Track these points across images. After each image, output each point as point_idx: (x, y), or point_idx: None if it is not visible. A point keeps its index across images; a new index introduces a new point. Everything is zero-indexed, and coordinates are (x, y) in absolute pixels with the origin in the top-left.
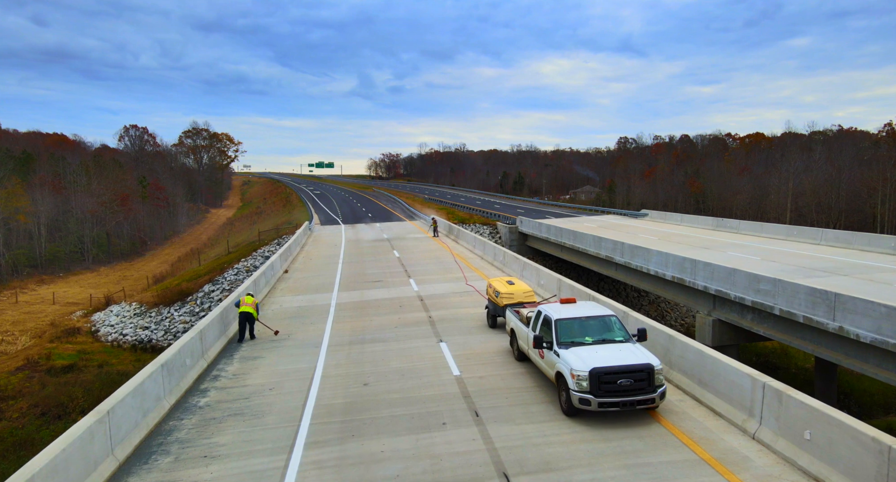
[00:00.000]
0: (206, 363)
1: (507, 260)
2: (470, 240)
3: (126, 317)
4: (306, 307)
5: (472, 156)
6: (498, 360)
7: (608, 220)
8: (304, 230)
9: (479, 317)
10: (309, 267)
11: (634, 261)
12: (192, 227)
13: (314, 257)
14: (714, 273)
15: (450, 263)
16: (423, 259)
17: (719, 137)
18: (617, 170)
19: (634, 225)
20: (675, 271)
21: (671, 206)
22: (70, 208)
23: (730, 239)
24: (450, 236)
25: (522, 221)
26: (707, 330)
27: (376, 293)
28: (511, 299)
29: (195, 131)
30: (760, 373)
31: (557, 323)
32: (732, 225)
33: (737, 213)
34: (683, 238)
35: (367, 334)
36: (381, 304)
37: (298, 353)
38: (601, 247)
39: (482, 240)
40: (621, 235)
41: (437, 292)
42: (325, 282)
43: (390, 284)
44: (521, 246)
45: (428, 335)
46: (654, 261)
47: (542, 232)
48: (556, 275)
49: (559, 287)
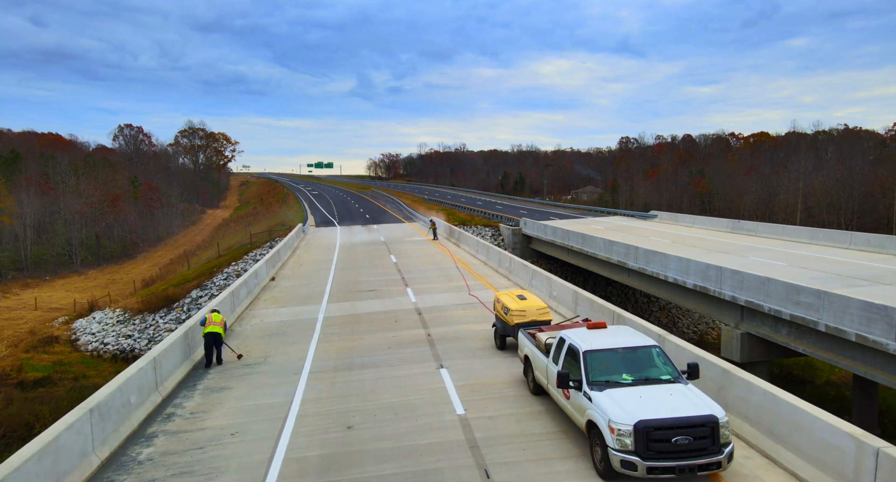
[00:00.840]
0: (161, 397)
1: (513, 267)
2: (472, 243)
3: (108, 325)
4: (290, 322)
5: (473, 156)
6: (510, 394)
7: (615, 222)
8: (297, 232)
9: (484, 336)
10: (298, 273)
11: (650, 267)
12: (186, 228)
13: (305, 262)
14: (744, 282)
15: (451, 270)
16: (421, 265)
17: (722, 137)
18: (619, 170)
19: (643, 227)
20: (697, 279)
21: (676, 206)
22: (58, 209)
23: (748, 242)
24: (450, 239)
25: (526, 223)
26: (734, 344)
27: (369, 305)
28: (523, 317)
29: (191, 131)
30: (866, 433)
31: (587, 356)
32: (750, 227)
33: (744, 214)
34: (698, 241)
35: (356, 357)
36: (374, 319)
37: (274, 383)
38: (612, 252)
39: (485, 244)
40: (631, 238)
41: (436, 304)
42: (313, 292)
43: (385, 294)
44: (524, 249)
45: (426, 358)
46: (672, 268)
47: (547, 234)
48: (570, 287)
49: (575, 300)
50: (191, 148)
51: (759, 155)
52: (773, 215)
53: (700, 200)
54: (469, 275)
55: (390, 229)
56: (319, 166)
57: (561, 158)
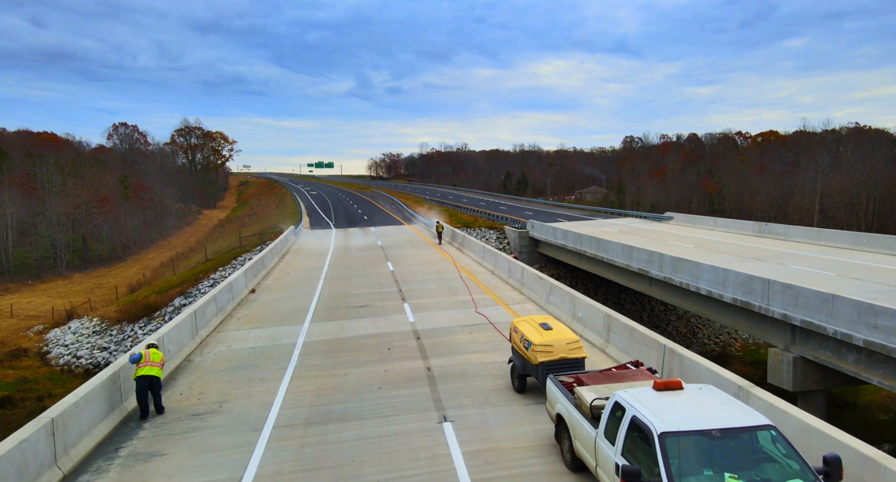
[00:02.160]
0: (61, 474)
1: (526, 278)
2: (478, 249)
3: (84, 336)
4: (263, 349)
5: (474, 155)
6: (538, 467)
7: (628, 224)
8: (288, 236)
9: (497, 372)
10: (283, 284)
11: (678, 276)
12: (181, 229)
13: (293, 270)
14: (799, 298)
15: (454, 280)
16: (421, 273)
17: (729, 136)
18: (623, 169)
19: (660, 230)
20: (738, 293)
21: (684, 206)
22: (43, 210)
23: (781, 247)
24: (453, 244)
25: (534, 226)
26: (785, 370)
27: (360, 325)
28: (549, 354)
29: (187, 130)
30: None
31: (667, 442)
32: (780, 231)
33: (756, 215)
34: (724, 246)
35: (336, 401)
36: (363, 345)
37: (224, 445)
38: (632, 258)
39: (493, 250)
40: (649, 243)
41: (438, 324)
42: (296, 308)
43: (379, 311)
44: (531, 253)
45: (425, 406)
46: (705, 279)
47: (557, 238)
48: (601, 309)
49: (607, 326)
50: (187, 147)
51: (769, 154)
52: (787, 216)
53: (709, 200)
54: (475, 286)
55: (389, 232)
56: (320, 166)
57: (564, 158)
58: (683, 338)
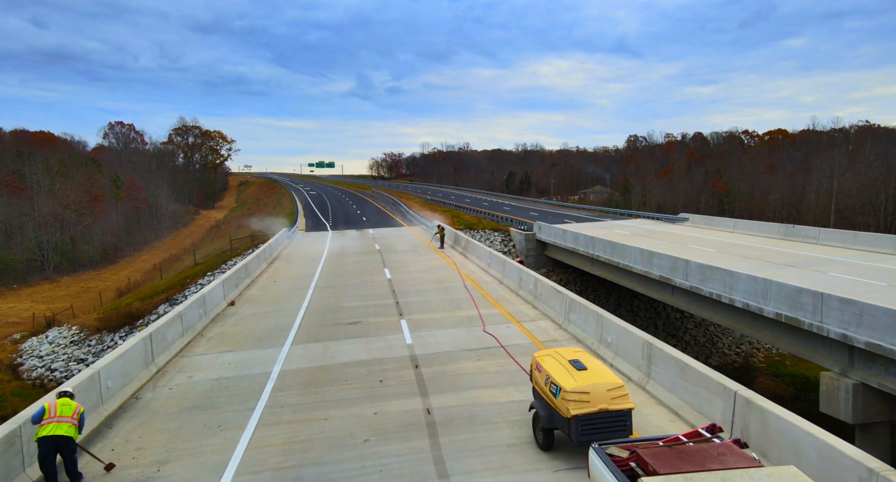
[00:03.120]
0: None
1: (540, 291)
2: (483, 255)
3: (61, 346)
4: (230, 381)
5: (476, 155)
6: None
7: (640, 226)
8: (280, 239)
9: (514, 416)
10: (267, 295)
11: (706, 286)
12: (177, 230)
13: (281, 278)
14: (864, 316)
15: (458, 290)
16: (421, 282)
17: (735, 135)
18: (628, 169)
19: (676, 232)
20: (781, 306)
21: (692, 206)
22: (31, 211)
23: (814, 252)
24: (456, 248)
25: (541, 228)
26: (842, 398)
27: (349, 348)
28: (585, 406)
29: (185, 129)
30: None
31: None
32: (809, 234)
33: (769, 215)
34: (749, 250)
35: (308, 464)
36: (351, 375)
37: None
38: (653, 265)
39: (500, 256)
40: (666, 246)
41: (440, 347)
42: (278, 326)
43: (372, 330)
44: (538, 256)
45: (424, 472)
46: (741, 289)
47: (567, 241)
48: (638, 335)
49: (647, 356)
50: (184, 146)
51: (777, 153)
52: (800, 217)
53: (718, 200)
54: (481, 298)
55: (387, 235)
56: (321, 166)
57: (567, 157)
58: (702, 348)
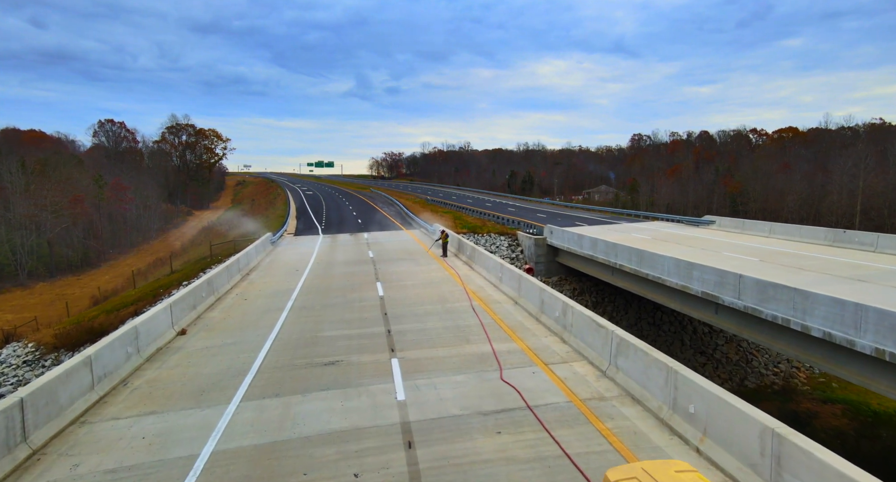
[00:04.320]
0: None
1: (571, 321)
2: (493, 267)
3: (12, 367)
4: (129, 478)
5: (477, 155)
6: None
7: (660, 229)
8: (261, 245)
9: None
10: (230, 320)
11: (768, 307)
12: (167, 231)
13: (253, 295)
14: None
15: (464, 314)
16: (420, 302)
17: (742, 133)
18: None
19: (703, 237)
20: (886, 341)
21: (703, 207)
22: (4, 213)
23: (879, 262)
24: (460, 256)
25: (553, 232)
26: None
27: (318, 409)
28: None
29: (178, 127)
30: None
31: None
32: (865, 240)
33: (786, 216)
34: (801, 260)
35: None
36: (313, 462)
37: None
38: (692, 279)
39: (515, 271)
40: (697, 254)
41: (444, 410)
42: (230, 368)
43: (353, 376)
44: (549, 263)
45: None
46: (821, 315)
47: (583, 248)
48: (754, 416)
49: (773, 450)
50: (177, 145)
51: (789, 151)
52: (821, 218)
53: (731, 200)
54: (494, 325)
55: (383, 240)
56: (320, 165)
57: (569, 157)
58: (735, 368)
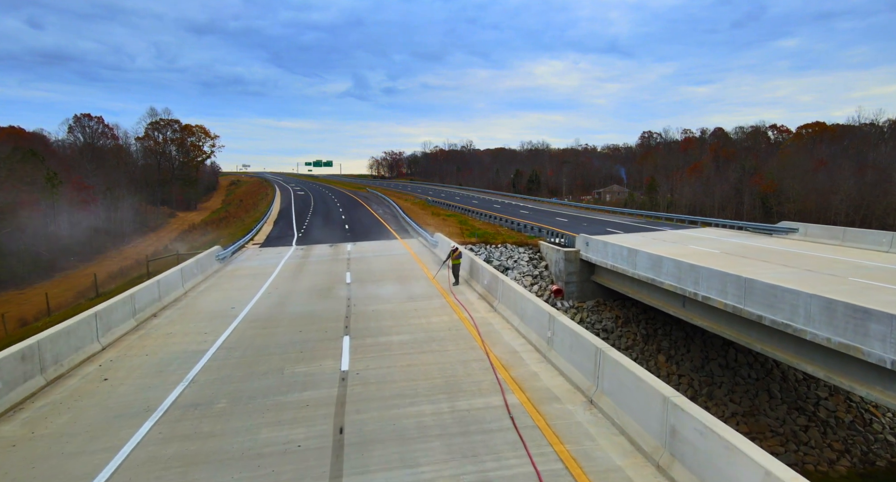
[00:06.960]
0: None
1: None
2: (532, 314)
3: None
4: None
5: (479, 154)
6: None
7: (724, 239)
8: (196, 267)
9: None
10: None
11: None
12: (144, 234)
13: (126, 371)
14: None
15: (499, 436)
16: (412, 395)
17: (761, 130)
18: (646, 167)
19: (794, 251)
20: None
21: (731, 208)
22: None
23: None
24: (473, 284)
25: (589, 244)
26: None
27: None
28: None
29: (163, 123)
30: None
31: None
32: None
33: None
34: None
35: None
36: None
37: None
38: (868, 336)
39: (585, 337)
40: (803, 279)
41: None
42: None
43: None
44: (582, 282)
45: None
46: None
47: (637, 268)
48: None
49: None
50: (160, 141)
51: (820, 147)
52: (873, 220)
53: (762, 201)
54: (552, 457)
55: (370, 254)
56: (318, 165)
57: (576, 156)
58: (849, 429)
